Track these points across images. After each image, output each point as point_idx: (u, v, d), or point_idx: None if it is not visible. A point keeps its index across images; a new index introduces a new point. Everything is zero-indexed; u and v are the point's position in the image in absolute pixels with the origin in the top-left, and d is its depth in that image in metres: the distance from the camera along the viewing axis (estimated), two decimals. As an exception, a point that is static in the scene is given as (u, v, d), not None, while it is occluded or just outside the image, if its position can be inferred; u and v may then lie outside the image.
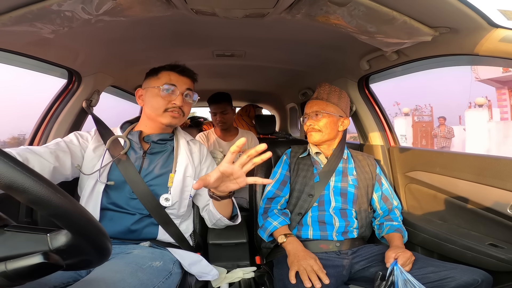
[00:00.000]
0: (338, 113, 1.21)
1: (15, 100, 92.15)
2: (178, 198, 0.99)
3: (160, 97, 0.99)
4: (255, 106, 3.12)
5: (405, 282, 0.87)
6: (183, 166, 1.02)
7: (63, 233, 0.42)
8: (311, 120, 1.22)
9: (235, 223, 1.04)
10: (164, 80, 0.99)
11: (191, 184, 1.03)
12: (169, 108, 0.99)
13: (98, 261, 0.49)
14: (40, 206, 0.38)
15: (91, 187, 0.94)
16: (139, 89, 1.06)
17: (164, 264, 0.88)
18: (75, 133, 1.01)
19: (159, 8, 0.86)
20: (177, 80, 1.01)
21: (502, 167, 0.97)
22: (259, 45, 1.36)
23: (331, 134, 1.21)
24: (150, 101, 1.00)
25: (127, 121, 1.11)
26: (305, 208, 1.14)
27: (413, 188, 1.33)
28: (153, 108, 1.00)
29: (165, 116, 1.00)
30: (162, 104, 0.99)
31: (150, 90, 1.01)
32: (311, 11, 0.85)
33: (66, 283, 0.75)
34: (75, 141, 0.98)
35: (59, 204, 0.39)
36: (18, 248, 0.42)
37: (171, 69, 1.02)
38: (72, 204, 0.41)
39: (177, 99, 0.99)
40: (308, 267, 0.92)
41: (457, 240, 1.04)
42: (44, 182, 0.38)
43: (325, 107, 1.21)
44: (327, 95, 1.23)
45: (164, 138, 1.05)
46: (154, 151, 1.03)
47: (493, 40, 0.80)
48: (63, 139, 0.97)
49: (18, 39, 0.98)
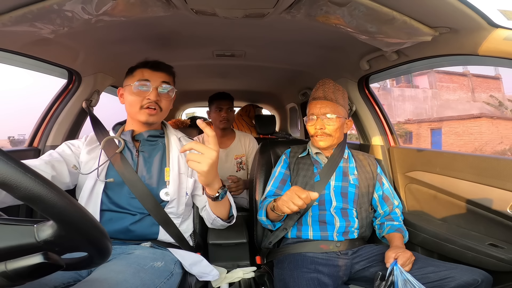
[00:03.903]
0: (345, 115, 1.19)
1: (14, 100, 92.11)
2: (176, 195, 0.99)
3: (134, 94, 0.99)
4: (255, 106, 3.12)
5: (404, 282, 0.87)
6: (176, 162, 1.03)
7: (49, 224, 0.41)
8: (320, 122, 1.15)
9: (229, 224, 1.04)
10: (137, 77, 1.00)
11: (186, 181, 1.03)
12: (144, 105, 0.99)
13: (98, 258, 0.48)
14: (10, 188, 0.36)
15: (90, 188, 0.94)
16: (120, 88, 1.06)
17: (166, 264, 0.88)
18: (66, 143, 1.02)
19: (159, 8, 0.86)
20: (150, 75, 1.00)
21: (502, 167, 0.97)
22: (259, 45, 1.36)
23: (340, 138, 1.19)
24: (127, 99, 1.02)
25: (118, 122, 1.11)
26: (304, 207, 1.13)
27: (413, 188, 1.33)
28: (130, 106, 1.01)
29: (142, 113, 0.99)
30: (137, 101, 0.99)
31: (126, 88, 1.02)
32: (311, 11, 0.85)
33: (67, 283, 0.76)
34: (68, 150, 0.98)
35: (33, 185, 0.37)
36: (5, 240, 0.41)
37: (143, 66, 1.02)
38: (58, 193, 0.39)
39: (151, 94, 0.98)
40: (292, 194, 0.89)
41: (457, 240, 1.04)
42: (22, 167, 0.37)
43: (336, 109, 1.14)
44: (334, 95, 1.17)
45: (154, 135, 1.05)
46: (146, 149, 1.04)
47: (493, 40, 0.80)
48: (55, 150, 0.98)
49: (18, 39, 0.98)
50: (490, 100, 16.59)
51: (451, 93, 18.13)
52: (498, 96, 16.71)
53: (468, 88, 18.79)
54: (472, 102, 17.80)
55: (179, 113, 3.54)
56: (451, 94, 18.12)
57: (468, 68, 18.88)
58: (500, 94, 17.61)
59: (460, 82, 18.89)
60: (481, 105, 17.01)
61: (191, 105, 3.43)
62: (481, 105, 17.08)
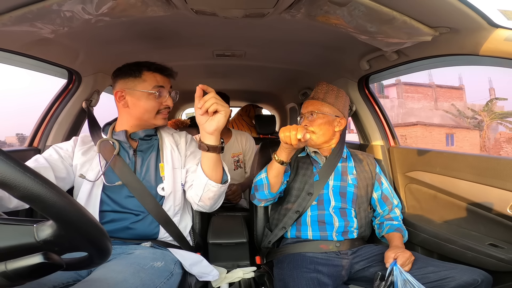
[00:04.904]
0: (334, 113, 1.19)
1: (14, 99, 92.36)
2: (172, 188, 1.00)
3: (153, 101, 0.99)
4: (255, 106, 3.12)
5: (404, 282, 0.87)
6: (170, 157, 1.03)
7: (49, 224, 0.41)
8: (306, 120, 1.20)
9: (225, 186, 0.96)
10: (152, 83, 0.99)
11: (180, 174, 1.03)
12: (161, 110, 1.02)
13: (98, 258, 0.48)
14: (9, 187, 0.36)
15: (88, 190, 0.94)
16: (119, 91, 1.00)
17: (166, 264, 0.89)
18: (53, 146, 1.00)
19: (159, 8, 0.86)
20: (163, 81, 1.02)
21: (502, 167, 0.97)
22: (259, 45, 1.36)
23: (326, 135, 1.19)
24: (141, 105, 0.99)
25: (107, 123, 1.10)
26: (303, 207, 1.13)
27: (413, 188, 1.33)
28: (146, 112, 0.99)
29: (159, 119, 1.03)
30: (155, 106, 1.00)
31: (137, 93, 0.99)
32: (311, 11, 0.85)
33: (66, 283, 0.76)
34: (55, 155, 0.96)
35: (32, 184, 0.37)
36: (4, 240, 0.41)
37: (155, 70, 1.01)
38: (57, 192, 0.39)
39: (168, 100, 1.03)
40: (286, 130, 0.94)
41: (457, 240, 1.04)
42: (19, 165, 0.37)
43: (320, 107, 1.18)
44: (324, 95, 1.21)
45: (149, 134, 1.05)
46: (143, 148, 1.04)
47: (493, 40, 0.80)
48: (41, 155, 0.96)
49: (18, 39, 0.98)
50: (450, 108, 20.44)
51: (416, 102, 21.57)
52: (459, 104, 20.94)
53: (432, 98, 22.20)
54: (435, 110, 21.43)
55: (179, 113, 3.54)
56: (415, 103, 21.51)
57: (433, 79, 22.73)
58: (462, 103, 21.66)
59: (425, 93, 22.15)
60: (442, 113, 20.68)
61: (191, 105, 3.43)
62: (442, 112, 20.75)
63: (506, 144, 18.57)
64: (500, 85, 39.57)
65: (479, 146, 19.31)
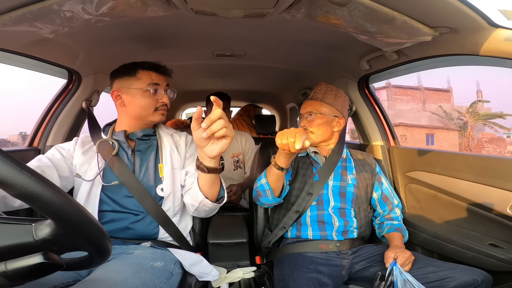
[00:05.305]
0: (333, 113, 1.19)
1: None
2: (171, 189, 1.00)
3: (148, 98, 1.00)
4: (255, 106, 3.12)
5: (404, 282, 0.87)
6: (169, 158, 1.03)
7: (47, 223, 0.41)
8: (305, 121, 1.21)
9: (219, 205, 0.93)
10: (146, 80, 1.00)
11: (179, 175, 1.03)
12: (158, 107, 1.03)
13: (97, 258, 0.48)
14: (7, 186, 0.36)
15: (87, 190, 0.94)
16: (115, 90, 1.02)
17: (166, 264, 0.88)
18: (55, 146, 1.01)
19: (159, 8, 0.86)
20: (158, 79, 1.03)
21: (502, 167, 0.97)
22: (259, 45, 1.36)
23: (325, 135, 1.19)
24: (137, 103, 1.00)
25: (107, 124, 1.11)
26: (303, 207, 1.13)
27: (413, 188, 1.33)
28: (142, 109, 1.01)
29: (156, 115, 1.04)
30: (152, 104, 1.01)
31: (132, 91, 1.00)
32: (311, 11, 0.85)
33: (66, 283, 0.76)
34: (57, 154, 0.98)
35: (30, 183, 0.37)
36: (3, 239, 0.41)
37: (149, 68, 1.02)
38: (55, 191, 0.39)
39: (164, 97, 1.04)
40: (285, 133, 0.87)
41: (457, 240, 1.04)
42: (17, 164, 0.37)
43: (319, 108, 1.19)
44: (322, 95, 1.21)
45: (148, 134, 1.06)
46: (141, 148, 1.04)
47: (493, 40, 0.80)
48: (44, 154, 0.97)
49: (18, 39, 0.98)
50: (437, 110, 21.88)
51: (404, 104, 23.01)
52: (446, 106, 22.34)
53: (420, 100, 23.63)
54: (422, 112, 22.70)
55: (179, 113, 3.54)
56: (404, 105, 22.94)
57: (422, 82, 24.30)
58: (449, 105, 23.25)
59: (413, 95, 23.55)
60: (429, 114, 21.91)
61: (191, 105, 3.43)
62: (429, 114, 22.01)
63: (488, 144, 19.80)
64: (489, 87, 40.28)
65: (457, 145, 20.58)
